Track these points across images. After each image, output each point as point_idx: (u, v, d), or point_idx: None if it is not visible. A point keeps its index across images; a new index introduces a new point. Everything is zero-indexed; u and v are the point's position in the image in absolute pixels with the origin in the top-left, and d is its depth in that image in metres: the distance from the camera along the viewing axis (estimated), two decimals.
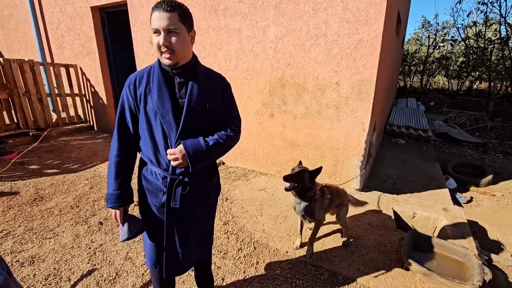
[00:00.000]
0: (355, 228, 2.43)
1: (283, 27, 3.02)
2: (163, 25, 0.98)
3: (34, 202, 2.73)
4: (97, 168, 3.59)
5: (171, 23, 0.99)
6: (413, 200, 2.92)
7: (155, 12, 0.99)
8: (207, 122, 1.17)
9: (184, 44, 1.04)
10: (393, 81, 6.51)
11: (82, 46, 5.00)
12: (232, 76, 3.45)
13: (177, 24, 1.00)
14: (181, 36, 1.02)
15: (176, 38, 1.01)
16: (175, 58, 1.04)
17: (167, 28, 0.99)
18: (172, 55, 1.02)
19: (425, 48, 14.23)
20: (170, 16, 0.98)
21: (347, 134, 2.96)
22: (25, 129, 4.55)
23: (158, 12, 0.98)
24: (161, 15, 0.98)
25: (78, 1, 4.70)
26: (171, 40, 1.01)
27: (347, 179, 3.09)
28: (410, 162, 4.27)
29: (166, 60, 1.04)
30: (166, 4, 0.98)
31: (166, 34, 1.00)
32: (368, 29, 2.61)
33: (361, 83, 2.77)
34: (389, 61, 3.96)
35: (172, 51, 1.02)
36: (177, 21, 1.00)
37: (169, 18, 0.98)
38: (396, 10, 3.50)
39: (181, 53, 1.05)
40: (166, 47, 1.01)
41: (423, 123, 6.24)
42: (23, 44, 5.94)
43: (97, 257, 2.02)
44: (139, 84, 1.11)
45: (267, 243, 2.23)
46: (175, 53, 1.03)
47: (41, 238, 2.20)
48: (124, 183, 1.19)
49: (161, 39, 1.00)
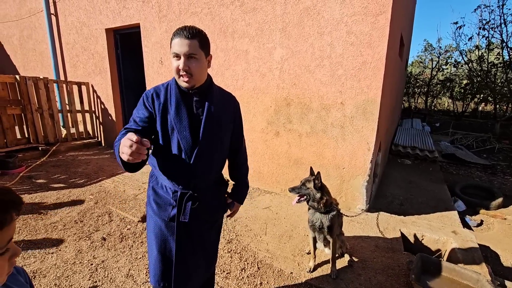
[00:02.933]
0: (362, 250, 2.37)
1: (289, 49, 3.12)
2: (184, 51, 1.03)
3: (39, 216, 2.74)
4: (103, 184, 3.62)
5: (192, 49, 1.04)
6: (421, 222, 2.85)
7: (177, 38, 1.04)
8: (222, 139, 1.23)
9: (202, 68, 1.10)
10: (397, 101, 6.57)
11: (95, 65, 5.20)
12: (239, 95, 3.53)
13: (197, 50, 1.06)
14: (200, 61, 1.08)
15: (195, 63, 1.06)
16: (192, 81, 1.09)
17: (188, 53, 1.04)
18: (190, 78, 1.08)
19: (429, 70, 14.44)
20: (190, 43, 1.03)
21: (352, 153, 2.96)
22: (35, 143, 4.65)
23: (179, 39, 1.03)
24: (183, 41, 1.03)
25: (94, 23, 4.96)
26: (190, 65, 1.06)
27: (353, 199, 3.05)
28: (417, 183, 4.21)
29: (184, 83, 1.09)
30: (188, 32, 1.03)
31: (186, 59, 1.05)
32: (372, 52, 2.69)
33: (365, 103, 2.80)
34: (393, 82, 4.03)
35: (190, 75, 1.07)
36: (197, 48, 1.06)
37: (189, 45, 1.03)
38: (399, 34, 3.61)
39: (199, 77, 1.10)
40: (185, 71, 1.06)
41: (429, 144, 6.20)
42: (39, 62, 6.20)
43: (98, 273, 1.99)
44: (157, 98, 1.15)
45: (271, 263, 2.18)
46: (193, 77, 1.08)
47: (44, 253, 2.19)
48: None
49: (181, 64, 1.05)
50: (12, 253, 0.57)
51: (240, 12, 3.35)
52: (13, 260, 0.58)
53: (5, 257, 0.55)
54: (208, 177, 1.23)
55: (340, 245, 2.16)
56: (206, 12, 3.61)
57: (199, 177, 1.18)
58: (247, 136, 3.79)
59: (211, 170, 1.24)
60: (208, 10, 3.59)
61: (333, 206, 1.98)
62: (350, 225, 2.76)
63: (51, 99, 4.83)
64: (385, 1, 2.56)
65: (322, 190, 1.95)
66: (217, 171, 1.28)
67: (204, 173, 1.19)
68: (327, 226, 1.92)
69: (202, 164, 1.17)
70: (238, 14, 3.37)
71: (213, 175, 1.26)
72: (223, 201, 1.36)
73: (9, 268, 0.58)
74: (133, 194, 3.31)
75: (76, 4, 5.12)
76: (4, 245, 0.53)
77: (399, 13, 3.22)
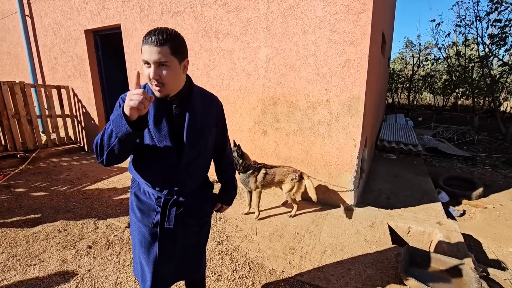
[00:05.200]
0: (351, 245, 2.40)
1: (274, 48, 3.12)
2: (153, 58, 0.94)
3: (19, 226, 2.62)
4: (87, 190, 3.50)
5: (162, 57, 0.94)
6: (407, 214, 2.93)
7: (145, 45, 0.94)
8: (206, 143, 1.19)
9: (175, 76, 1.00)
10: (381, 98, 6.71)
11: (75, 68, 5.03)
12: (225, 95, 3.51)
13: (168, 57, 0.95)
14: (172, 69, 0.98)
15: (166, 71, 0.96)
16: (165, 90, 1.00)
17: (158, 61, 0.94)
18: (162, 87, 0.99)
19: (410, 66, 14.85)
20: (160, 50, 0.93)
21: (339, 150, 3.00)
22: (13, 151, 4.45)
23: (148, 46, 0.93)
24: (152, 49, 0.93)
25: (72, 24, 4.79)
26: (161, 73, 0.96)
27: (342, 194, 3.09)
28: (402, 177, 4.32)
29: (157, 92, 1.01)
30: (157, 37, 0.92)
31: (156, 67, 0.95)
32: (355, 49, 2.72)
33: (350, 100, 2.84)
34: (377, 79, 4.11)
35: (162, 84, 0.98)
36: (168, 54, 0.95)
37: (159, 52, 0.93)
38: (380, 31, 3.68)
39: (172, 85, 1.01)
40: (156, 80, 0.97)
41: (413, 138, 6.38)
42: (14, 66, 5.94)
43: (84, 283, 1.93)
44: None
45: (263, 263, 2.17)
46: (165, 86, 0.99)
47: (25, 265, 2.09)
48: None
49: (151, 73, 0.95)
50: None
51: (224, 12, 3.32)
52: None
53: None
54: (193, 181, 1.20)
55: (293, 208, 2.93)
56: (189, 11, 3.56)
57: (183, 182, 1.14)
58: (235, 136, 3.78)
59: (196, 175, 1.20)
60: (191, 9, 3.54)
61: (250, 166, 2.77)
62: (340, 221, 2.79)
63: (29, 104, 4.63)
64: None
65: (242, 157, 2.75)
66: (201, 175, 1.25)
67: (188, 178, 1.16)
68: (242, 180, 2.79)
69: (186, 170, 1.13)
70: (222, 14, 3.34)
71: (197, 179, 1.23)
72: (209, 204, 1.33)
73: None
74: (118, 199, 3.22)
75: (52, 5, 4.93)
76: None
77: (380, 11, 3.28)
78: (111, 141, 0.93)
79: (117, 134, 0.91)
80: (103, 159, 0.97)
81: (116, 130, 0.90)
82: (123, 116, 0.88)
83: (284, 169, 2.89)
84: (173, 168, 1.10)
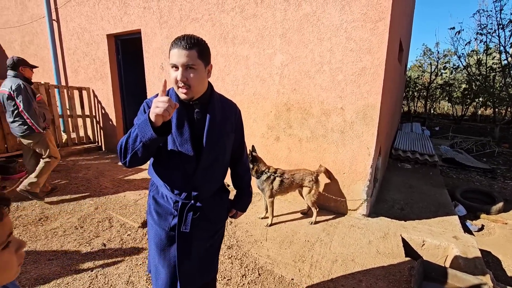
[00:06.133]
0: (363, 256, 2.36)
1: (289, 54, 3.15)
2: (181, 61, 1.00)
3: (39, 222, 2.73)
4: (103, 189, 3.61)
5: (189, 60, 1.00)
6: (422, 227, 2.85)
7: (175, 49, 1.00)
8: (224, 149, 1.22)
9: (201, 79, 1.06)
10: (397, 106, 6.59)
11: (96, 70, 5.23)
12: (239, 100, 3.55)
13: (195, 61, 1.02)
14: (198, 72, 1.04)
15: (193, 74, 1.02)
16: (191, 93, 1.05)
17: (185, 64, 1.00)
18: (189, 90, 1.04)
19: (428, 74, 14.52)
20: (188, 53, 0.99)
21: (353, 158, 2.97)
22: None
23: (177, 49, 1.00)
24: (180, 52, 0.99)
25: (96, 29, 5.00)
26: (188, 76, 1.02)
27: (354, 204, 3.05)
28: (417, 188, 4.21)
29: (182, 95, 1.06)
30: (186, 42, 1.00)
31: (184, 70, 1.01)
32: (371, 57, 2.71)
33: (365, 108, 2.82)
34: (393, 87, 4.05)
35: (188, 86, 1.03)
36: (196, 58, 1.01)
37: (187, 55, 0.99)
38: (398, 39, 3.64)
39: (197, 88, 1.07)
40: (183, 83, 1.02)
41: (429, 148, 6.21)
42: (40, 68, 6.22)
43: (98, 280, 1.98)
44: None
45: (272, 269, 2.17)
46: (191, 88, 1.04)
47: (44, 259, 2.18)
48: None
49: (179, 75, 1.01)
50: (17, 246, 0.60)
51: (241, 18, 3.38)
52: (20, 252, 0.61)
53: (11, 250, 0.59)
54: (210, 187, 1.23)
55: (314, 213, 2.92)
56: (206, 18, 3.64)
57: (201, 187, 1.17)
58: (247, 141, 3.78)
59: (213, 180, 1.23)
60: (208, 16, 3.62)
61: (264, 172, 2.78)
62: (351, 231, 2.76)
63: (52, 104, 4.84)
64: (384, 7, 2.59)
65: (254, 161, 2.76)
66: (219, 180, 1.28)
67: (206, 184, 1.19)
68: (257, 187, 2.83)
69: (204, 175, 1.16)
70: (239, 20, 3.40)
71: (215, 185, 1.26)
72: (225, 209, 1.36)
73: (18, 260, 0.61)
74: (133, 199, 3.31)
75: (78, 10, 5.17)
76: (5, 239, 0.57)
77: (398, 19, 3.25)
78: (135, 145, 0.97)
79: (141, 139, 0.95)
80: (126, 161, 1.02)
81: (141, 135, 0.94)
82: (148, 122, 0.92)
83: (300, 173, 2.91)
84: (192, 172, 1.13)
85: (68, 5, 5.27)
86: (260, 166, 2.81)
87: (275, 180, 2.79)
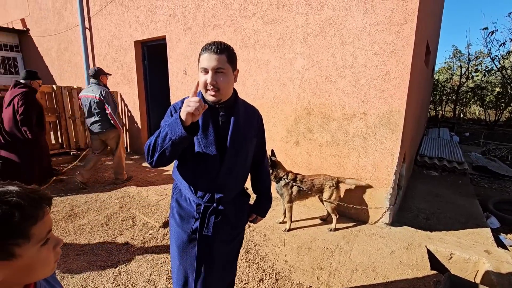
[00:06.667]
0: (385, 266, 2.27)
1: (310, 58, 3.13)
2: (212, 65, 1.05)
3: (69, 219, 2.90)
4: (127, 189, 3.76)
5: (219, 64, 1.06)
6: (449, 238, 2.70)
7: (206, 54, 1.06)
8: (247, 153, 1.25)
9: (229, 83, 1.11)
10: (423, 110, 6.32)
11: (124, 75, 5.49)
12: (259, 104, 3.57)
13: (225, 65, 1.07)
14: (227, 76, 1.09)
15: (222, 77, 1.08)
16: (219, 95, 1.10)
17: (216, 68, 1.06)
18: (217, 92, 1.09)
19: (457, 77, 13.80)
20: (219, 57, 1.05)
21: (375, 164, 2.88)
22: (67, 148, 4.95)
23: (208, 54, 1.06)
24: (211, 56, 1.05)
25: (124, 36, 5.26)
26: (218, 79, 1.07)
27: (376, 212, 2.95)
28: (444, 197, 4.00)
29: (211, 97, 1.10)
30: (216, 47, 1.06)
31: (213, 73, 1.06)
32: (396, 61, 2.63)
33: (389, 113, 2.73)
34: (419, 91, 3.90)
35: (217, 89, 1.08)
36: (225, 62, 1.07)
37: (217, 59, 1.05)
38: (425, 42, 3.51)
39: (225, 91, 1.11)
40: (213, 86, 1.07)
41: (458, 155, 5.89)
42: (73, 73, 6.64)
43: (121, 277, 2.07)
44: None
45: (290, 275, 2.15)
46: (220, 91, 1.09)
47: (73, 254, 2.31)
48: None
49: (209, 78, 1.06)
50: (55, 243, 0.65)
51: (262, 23, 3.42)
52: (57, 249, 0.65)
53: (49, 247, 0.63)
54: (232, 190, 1.25)
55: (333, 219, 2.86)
56: (228, 24, 3.72)
57: (223, 190, 1.19)
58: (267, 145, 3.78)
59: (235, 184, 1.25)
60: (230, 22, 3.69)
61: (282, 178, 2.77)
62: (373, 239, 2.67)
63: None
64: (410, 10, 2.51)
65: (273, 165, 2.76)
66: (240, 184, 1.30)
67: (228, 187, 1.21)
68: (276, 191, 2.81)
69: (227, 178, 1.19)
70: (260, 26, 3.44)
71: (237, 188, 1.28)
72: (245, 214, 1.37)
73: (55, 256, 0.65)
74: (155, 199, 3.42)
75: (108, 19, 5.47)
76: (44, 236, 0.61)
77: (425, 21, 3.13)
78: (164, 143, 1.02)
79: (171, 137, 0.99)
80: (153, 160, 1.06)
81: (171, 133, 0.99)
82: (179, 120, 0.97)
83: (320, 178, 2.87)
84: (215, 174, 1.17)
85: (100, 14, 5.59)
86: (279, 171, 2.80)
87: (294, 187, 2.76)
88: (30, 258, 0.58)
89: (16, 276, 0.58)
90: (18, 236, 0.56)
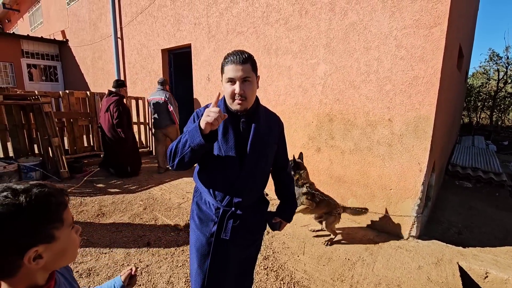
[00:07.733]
0: (412, 282, 2.14)
1: (333, 64, 3.08)
2: (239, 75, 1.08)
3: (96, 218, 3.04)
4: (151, 191, 3.89)
5: (245, 73, 1.09)
6: (484, 256, 2.49)
7: (231, 65, 1.09)
8: (266, 159, 1.26)
9: (254, 90, 1.15)
10: (455, 117, 5.96)
11: (151, 82, 5.74)
12: (280, 110, 3.56)
13: (250, 73, 1.11)
14: (253, 84, 1.13)
15: (249, 86, 1.11)
16: (246, 104, 1.13)
17: (243, 77, 1.09)
18: (244, 101, 1.12)
19: (494, 82, 12.89)
20: (244, 67, 1.08)
21: (401, 173, 2.75)
22: (98, 151, 5.23)
23: (234, 65, 1.08)
24: (237, 67, 1.08)
25: (152, 44, 5.51)
26: (245, 88, 1.10)
27: (402, 223, 2.80)
28: (479, 210, 3.71)
29: (238, 106, 1.13)
30: (240, 57, 1.09)
31: (241, 83, 1.09)
32: (425, 66, 2.51)
33: (417, 121, 2.61)
34: (450, 97, 3.69)
35: (244, 98, 1.11)
36: (250, 71, 1.11)
37: (243, 69, 1.08)
38: (457, 45, 3.33)
39: (251, 99, 1.15)
40: (240, 95, 1.10)
41: (495, 165, 5.46)
42: (105, 80, 7.06)
43: (142, 277, 2.13)
44: None
45: (309, 285, 2.09)
46: (247, 100, 1.12)
47: (99, 253, 2.41)
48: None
49: (237, 88, 1.09)
50: (76, 229, 0.71)
51: (284, 30, 3.43)
52: (79, 235, 0.72)
53: (75, 231, 0.70)
54: (251, 196, 1.25)
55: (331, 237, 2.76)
56: (251, 31, 3.77)
57: (242, 195, 1.20)
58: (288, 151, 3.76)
59: (254, 189, 1.26)
60: (253, 29, 3.74)
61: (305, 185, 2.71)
62: (398, 252, 2.53)
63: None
64: (441, 12, 2.39)
65: (297, 167, 2.73)
66: (259, 190, 1.30)
67: (247, 192, 1.22)
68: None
69: (246, 183, 1.20)
70: (282, 32, 3.45)
71: (255, 194, 1.28)
72: (263, 220, 1.37)
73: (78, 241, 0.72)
74: (177, 202, 3.50)
75: (138, 28, 5.78)
76: (72, 221, 0.69)
77: (457, 23, 2.97)
78: (184, 149, 1.06)
79: (190, 144, 1.03)
80: (174, 164, 1.10)
81: (190, 140, 1.03)
82: (198, 128, 1.00)
83: (331, 201, 2.77)
84: (235, 178, 1.18)
85: (131, 24, 5.92)
86: (301, 180, 2.72)
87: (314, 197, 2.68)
88: (65, 240, 0.65)
89: (53, 259, 0.64)
90: (55, 220, 0.63)
